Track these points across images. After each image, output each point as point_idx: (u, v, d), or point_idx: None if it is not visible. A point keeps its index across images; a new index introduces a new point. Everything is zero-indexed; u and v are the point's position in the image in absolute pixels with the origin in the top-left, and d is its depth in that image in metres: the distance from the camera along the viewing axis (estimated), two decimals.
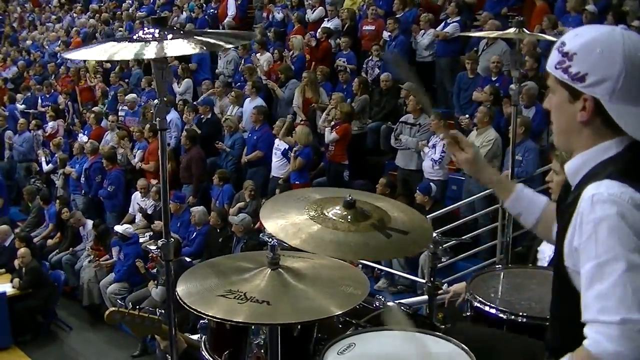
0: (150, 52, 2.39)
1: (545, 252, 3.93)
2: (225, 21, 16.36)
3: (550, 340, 2.34)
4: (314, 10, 14.54)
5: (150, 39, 2.43)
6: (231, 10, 16.40)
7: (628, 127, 1.99)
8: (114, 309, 3.31)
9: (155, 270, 10.03)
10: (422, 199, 8.80)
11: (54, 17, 23.69)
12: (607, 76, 1.97)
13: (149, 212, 11.74)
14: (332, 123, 10.67)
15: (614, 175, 1.96)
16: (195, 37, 2.51)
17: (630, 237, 1.87)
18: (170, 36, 2.44)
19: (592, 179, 2.00)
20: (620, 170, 1.98)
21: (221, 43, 2.58)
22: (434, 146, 9.36)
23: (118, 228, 10.93)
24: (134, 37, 2.49)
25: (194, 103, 13.35)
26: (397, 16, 12.51)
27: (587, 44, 2.02)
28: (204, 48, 2.49)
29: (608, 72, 1.97)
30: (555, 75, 2.09)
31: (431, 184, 9.10)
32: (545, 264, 3.82)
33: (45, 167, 14.57)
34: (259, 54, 13.71)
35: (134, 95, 14.63)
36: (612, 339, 1.84)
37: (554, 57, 2.10)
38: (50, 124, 15.81)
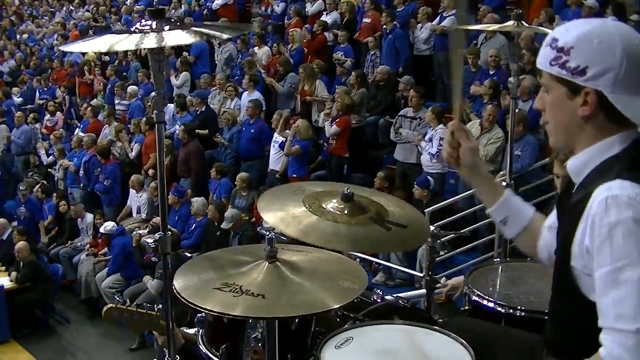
0: (149, 42, 2.38)
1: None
2: (214, 4, 16.35)
3: (551, 337, 2.32)
4: (314, 4, 14.52)
5: (148, 30, 2.42)
6: None
7: (633, 115, 1.95)
8: (111, 305, 3.29)
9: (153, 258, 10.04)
10: (421, 193, 8.78)
11: (51, 10, 23.65)
12: (609, 67, 1.92)
13: (142, 207, 11.78)
14: (332, 116, 10.68)
15: (624, 175, 1.91)
16: (191, 28, 2.50)
17: None
18: (167, 27, 2.43)
19: (600, 178, 1.96)
20: (629, 168, 1.94)
21: (217, 33, 2.57)
22: (430, 140, 9.35)
23: (101, 229, 11.01)
24: (132, 29, 2.49)
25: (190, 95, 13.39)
26: (397, 9, 12.49)
27: (584, 37, 1.96)
28: (201, 38, 2.49)
29: (609, 62, 1.92)
30: (550, 72, 2.03)
31: (428, 177, 9.10)
32: None
33: (46, 160, 14.55)
34: (257, 47, 13.70)
35: (135, 87, 14.64)
36: (627, 348, 1.82)
37: (547, 53, 2.04)
38: (48, 116, 15.78)
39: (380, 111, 11.20)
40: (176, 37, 2.41)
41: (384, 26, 12.16)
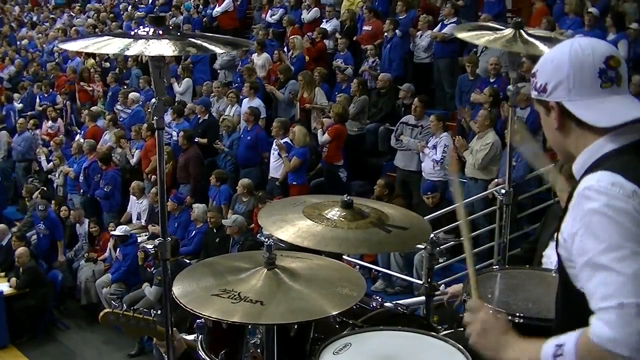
0: (134, 49, 2.40)
1: (551, 256, 3.90)
2: (214, 11, 16.40)
3: (554, 328, 2.36)
4: (310, 11, 14.56)
5: (140, 37, 2.44)
6: (225, 6, 16.39)
7: (590, 118, 2.10)
8: (108, 310, 3.29)
9: (153, 270, 10.01)
10: (433, 200, 8.75)
11: (52, 16, 23.68)
12: (561, 79, 2.13)
13: (143, 214, 11.77)
14: (325, 124, 10.70)
15: (609, 168, 2.01)
16: (189, 39, 2.52)
17: (623, 226, 1.91)
18: (163, 36, 2.44)
19: (590, 171, 2.06)
20: (616, 163, 2.03)
21: (213, 48, 2.59)
22: (434, 147, 9.35)
23: (115, 232, 10.95)
24: (130, 33, 2.51)
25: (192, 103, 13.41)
26: (398, 17, 12.52)
27: (544, 59, 2.22)
28: (192, 51, 2.50)
29: (561, 75, 2.13)
30: (532, 96, 2.26)
31: (428, 182, 9.14)
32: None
33: (46, 166, 14.55)
34: (257, 54, 13.71)
35: (136, 94, 14.66)
36: (610, 324, 1.86)
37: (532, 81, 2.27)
38: (50, 123, 15.78)
39: (380, 118, 11.22)
40: (162, 48, 2.42)
41: (385, 34, 12.18)
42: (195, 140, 11.98)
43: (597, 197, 1.95)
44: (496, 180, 8.44)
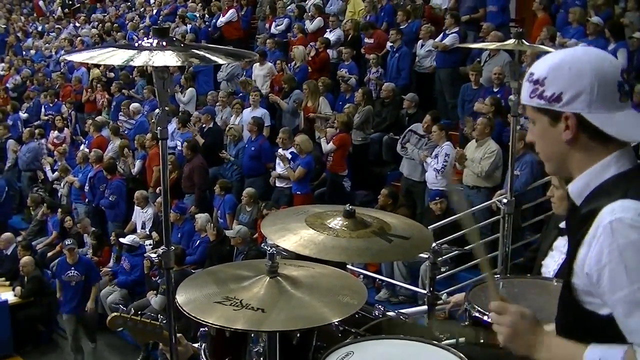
0: (139, 60, 2.43)
1: (550, 266, 3.92)
2: (218, 21, 16.48)
3: None
4: (313, 21, 14.60)
5: (144, 48, 2.47)
6: (229, 17, 16.48)
7: (613, 131, 2.03)
8: (116, 314, 3.32)
9: (158, 279, 10.02)
10: (440, 206, 8.77)
11: (57, 26, 23.78)
12: (582, 89, 2.03)
13: (147, 223, 11.79)
14: (329, 134, 10.73)
15: (628, 194, 1.97)
16: (192, 50, 2.54)
17: None
18: (167, 47, 2.47)
19: (602, 199, 2.01)
20: (633, 189, 1.99)
21: (216, 59, 2.61)
22: (436, 156, 9.37)
23: (125, 240, 10.96)
24: (136, 45, 2.54)
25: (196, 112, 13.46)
26: (400, 27, 12.54)
27: (555, 66, 2.10)
28: (195, 62, 2.53)
29: (582, 85, 2.03)
30: (531, 104, 2.14)
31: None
32: None
33: (51, 176, 14.59)
34: (259, 64, 13.73)
35: (137, 104, 14.69)
36: None
37: (525, 88, 2.15)
38: (56, 133, 15.84)
39: (384, 128, 11.24)
40: (167, 59, 2.45)
41: (392, 44, 12.20)
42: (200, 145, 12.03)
43: (628, 232, 1.91)
44: (500, 191, 8.46)
